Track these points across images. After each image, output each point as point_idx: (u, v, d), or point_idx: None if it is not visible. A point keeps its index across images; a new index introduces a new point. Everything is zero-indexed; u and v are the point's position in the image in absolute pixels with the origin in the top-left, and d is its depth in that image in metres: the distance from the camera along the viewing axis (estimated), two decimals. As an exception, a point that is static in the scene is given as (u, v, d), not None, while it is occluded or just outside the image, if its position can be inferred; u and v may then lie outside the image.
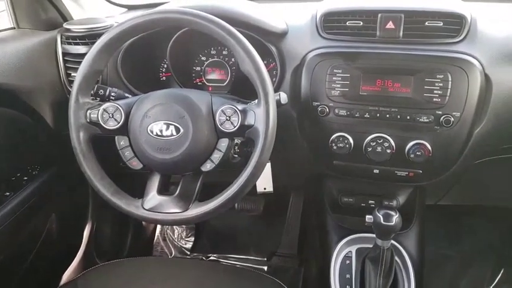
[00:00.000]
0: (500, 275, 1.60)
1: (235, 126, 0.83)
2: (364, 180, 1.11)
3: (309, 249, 1.59)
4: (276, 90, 1.06)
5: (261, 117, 0.81)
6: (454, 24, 0.95)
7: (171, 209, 0.84)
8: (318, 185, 1.25)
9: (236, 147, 0.97)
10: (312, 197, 1.33)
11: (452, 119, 0.94)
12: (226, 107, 0.84)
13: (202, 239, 1.84)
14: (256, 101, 0.84)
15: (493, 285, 1.59)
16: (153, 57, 1.21)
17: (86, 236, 1.46)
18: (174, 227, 1.85)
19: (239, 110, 0.83)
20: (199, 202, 0.85)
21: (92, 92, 0.91)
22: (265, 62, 1.14)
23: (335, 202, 1.21)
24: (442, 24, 0.95)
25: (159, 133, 0.83)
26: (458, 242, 1.71)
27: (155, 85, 1.16)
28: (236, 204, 1.80)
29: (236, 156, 0.99)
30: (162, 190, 0.88)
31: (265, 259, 1.75)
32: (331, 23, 1.01)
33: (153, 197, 0.87)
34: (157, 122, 0.83)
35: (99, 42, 0.85)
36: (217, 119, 0.84)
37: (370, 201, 1.18)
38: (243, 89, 1.04)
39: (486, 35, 0.96)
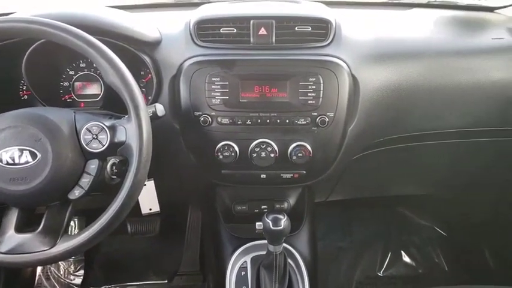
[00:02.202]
0: (388, 259, 1.74)
1: (103, 145, 0.76)
2: (254, 186, 1.10)
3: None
4: (154, 101, 1.00)
5: (133, 132, 0.75)
6: (321, 29, 0.99)
7: (35, 247, 0.73)
8: (210, 195, 1.21)
9: (114, 167, 0.88)
10: (207, 208, 1.29)
11: (327, 119, 0.98)
12: (92, 124, 0.76)
13: (93, 270, 1.67)
14: (127, 115, 0.77)
15: (383, 269, 1.72)
16: (8, 74, 1.05)
17: None
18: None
19: (107, 126, 0.76)
20: (69, 235, 0.75)
21: None
22: (142, 73, 1.08)
23: (228, 211, 1.18)
24: (310, 29, 0.98)
25: (11, 161, 0.72)
26: (350, 233, 1.83)
27: (16, 106, 1.01)
28: (129, 228, 1.68)
29: (115, 177, 0.90)
30: (22, 227, 0.76)
31: (167, 281, 1.65)
32: (205, 31, 0.99)
33: (11, 237, 0.74)
34: (8, 149, 0.72)
35: None
36: (82, 138, 0.76)
37: (263, 207, 1.18)
38: (119, 103, 0.96)
39: (350, 39, 1.03)
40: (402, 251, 1.76)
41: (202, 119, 0.98)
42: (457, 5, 1.42)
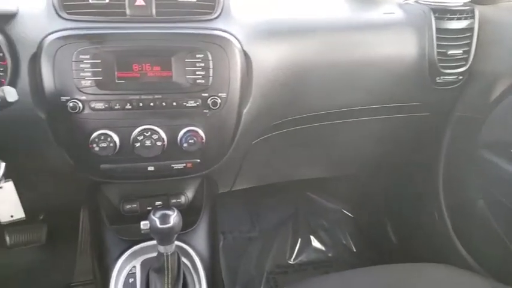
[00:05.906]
0: (298, 245, 1.73)
1: None
2: (144, 181, 0.98)
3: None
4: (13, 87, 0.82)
5: None
6: (208, 1, 0.89)
7: None
8: (94, 194, 1.05)
9: None
10: (90, 209, 1.13)
11: (219, 100, 0.88)
12: None
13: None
14: None
15: (294, 256, 1.70)
16: None
17: None
18: None
19: None
20: None
21: None
22: (1, 54, 0.88)
23: (116, 211, 1.04)
24: (195, 0, 0.88)
25: None
26: (259, 222, 1.78)
27: None
28: (7, 239, 1.45)
29: None
30: None
31: (58, 296, 1.45)
32: (72, 1, 0.84)
33: None
34: None
35: None
36: None
37: (157, 203, 1.06)
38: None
39: (241, 13, 0.95)
40: (311, 236, 1.76)
41: (71, 104, 0.82)
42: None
